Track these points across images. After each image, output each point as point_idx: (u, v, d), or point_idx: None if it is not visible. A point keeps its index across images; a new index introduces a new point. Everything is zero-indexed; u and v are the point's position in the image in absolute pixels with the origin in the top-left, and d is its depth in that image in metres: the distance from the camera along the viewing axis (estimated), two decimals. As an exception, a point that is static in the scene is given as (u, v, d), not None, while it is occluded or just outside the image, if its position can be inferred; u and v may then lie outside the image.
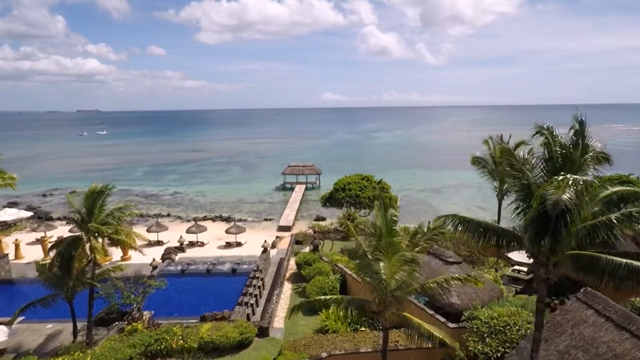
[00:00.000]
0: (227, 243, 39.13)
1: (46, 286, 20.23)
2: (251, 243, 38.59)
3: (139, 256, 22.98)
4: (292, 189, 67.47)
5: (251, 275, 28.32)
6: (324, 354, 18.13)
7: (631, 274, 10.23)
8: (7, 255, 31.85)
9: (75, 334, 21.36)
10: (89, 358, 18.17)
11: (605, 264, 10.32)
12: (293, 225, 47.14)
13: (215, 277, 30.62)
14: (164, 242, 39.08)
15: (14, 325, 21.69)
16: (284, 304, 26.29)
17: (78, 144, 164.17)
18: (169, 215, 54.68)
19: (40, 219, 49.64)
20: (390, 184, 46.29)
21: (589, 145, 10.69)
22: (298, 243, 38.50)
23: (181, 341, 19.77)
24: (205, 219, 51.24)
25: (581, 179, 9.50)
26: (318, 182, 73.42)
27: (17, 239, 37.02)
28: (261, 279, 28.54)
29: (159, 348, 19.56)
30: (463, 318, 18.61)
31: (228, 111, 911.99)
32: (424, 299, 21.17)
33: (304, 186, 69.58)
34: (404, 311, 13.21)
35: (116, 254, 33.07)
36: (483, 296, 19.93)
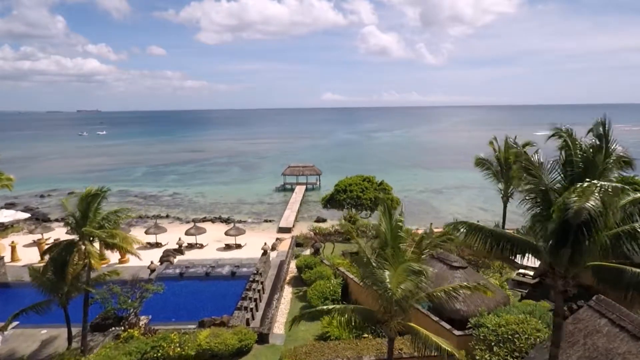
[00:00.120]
0: (227, 245, 38.65)
1: (40, 292, 19.66)
2: (251, 245, 38.11)
3: (137, 259, 22.75)
4: (292, 190, 66.95)
5: (251, 278, 27.78)
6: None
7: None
8: (3, 258, 31.41)
9: (70, 340, 20.84)
10: (83, 366, 17.66)
11: (631, 277, 9.69)
12: (293, 227, 46.59)
13: (214, 281, 30.06)
14: (162, 244, 38.58)
15: (7, 331, 21.16)
16: (284, 309, 25.73)
17: (77, 144, 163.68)
18: (168, 216, 54.09)
19: (38, 220, 49.06)
20: (391, 184, 45.77)
21: (611, 148, 10.04)
22: (299, 245, 37.93)
23: (178, 348, 19.20)
24: (204, 220, 50.72)
25: (609, 185, 8.79)
26: (318, 183, 72.90)
27: (13, 241, 36.48)
28: (261, 283, 27.99)
29: (155, 356, 18.96)
30: (469, 325, 18.02)
31: (228, 111, 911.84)
32: (428, 304, 20.58)
33: (304, 187, 69.04)
34: (410, 320, 12.65)
35: (114, 256, 32.47)
36: (489, 302, 19.34)
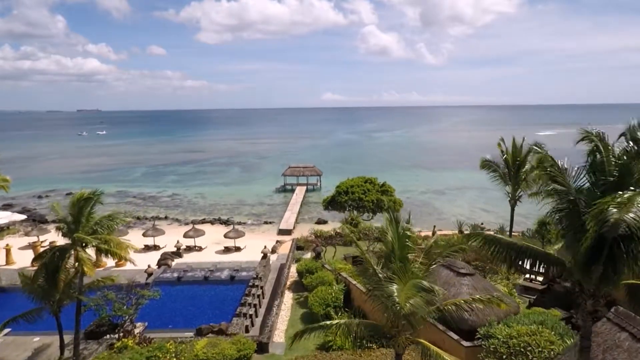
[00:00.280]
0: (226, 248, 37.92)
1: (30, 299, 18.94)
2: (250, 248, 37.37)
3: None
4: (293, 191, 66.20)
5: (250, 283, 27.04)
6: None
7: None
8: (-3, 262, 30.70)
9: (62, 349, 20.08)
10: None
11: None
12: (294, 229, 45.83)
13: (212, 285, 29.31)
14: (160, 247, 37.84)
15: (-2, 339, 20.44)
16: (285, 316, 24.95)
17: (77, 144, 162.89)
18: (166, 217, 53.32)
19: (35, 222, 48.27)
20: (393, 185, 44.90)
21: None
22: (299, 248, 37.20)
23: (174, 359, 18.46)
24: (203, 222, 49.95)
25: None
26: (319, 184, 72.16)
27: (8, 244, 35.74)
28: (261, 288, 27.24)
29: (150, 366, 18.24)
30: (478, 335, 17.29)
31: (228, 111, 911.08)
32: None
33: (305, 188, 68.27)
34: (419, 335, 11.89)
35: (110, 259, 31.74)
36: (499, 311, 18.51)
